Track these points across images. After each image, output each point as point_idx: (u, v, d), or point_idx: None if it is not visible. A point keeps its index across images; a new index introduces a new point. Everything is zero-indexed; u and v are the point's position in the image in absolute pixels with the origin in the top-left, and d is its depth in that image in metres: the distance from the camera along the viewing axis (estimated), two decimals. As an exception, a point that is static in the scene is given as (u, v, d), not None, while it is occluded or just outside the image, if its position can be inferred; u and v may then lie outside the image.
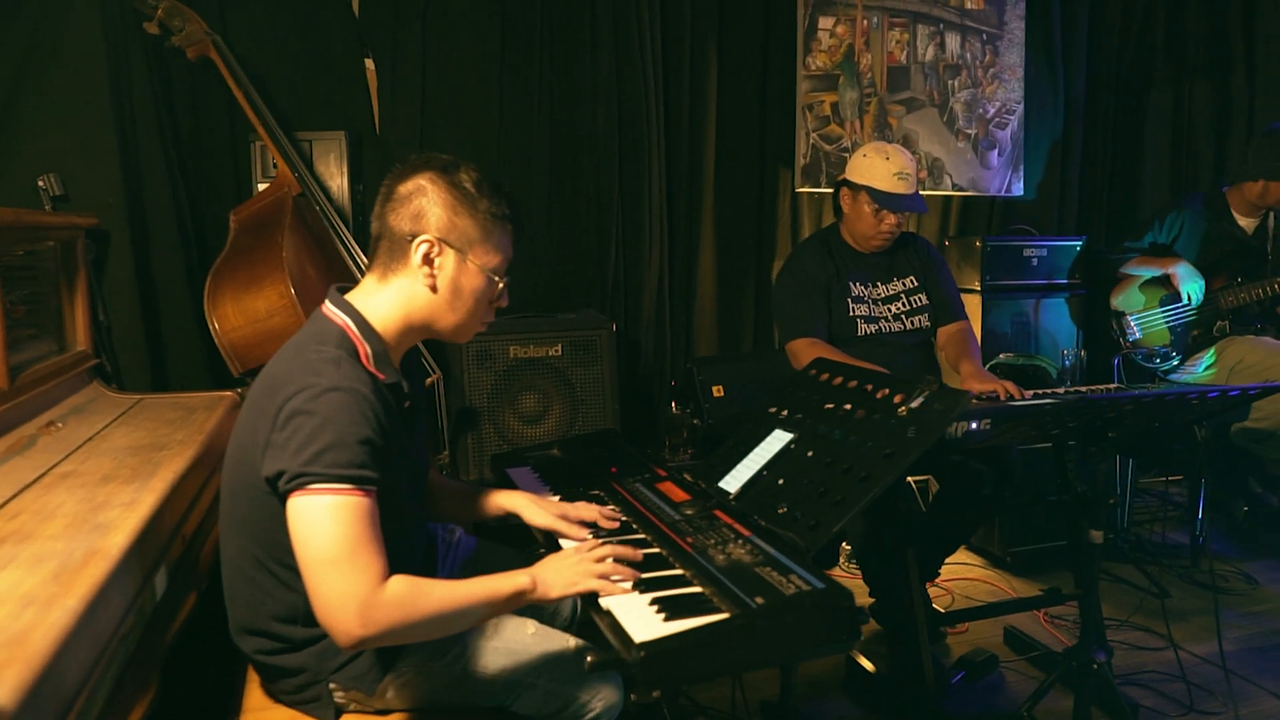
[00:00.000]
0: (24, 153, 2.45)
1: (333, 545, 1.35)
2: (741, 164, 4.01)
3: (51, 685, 1.03)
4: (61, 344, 2.32)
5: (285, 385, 1.42)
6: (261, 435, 1.42)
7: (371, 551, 1.37)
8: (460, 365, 3.33)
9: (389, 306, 1.58)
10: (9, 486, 1.61)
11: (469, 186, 1.56)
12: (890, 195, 2.86)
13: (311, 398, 1.39)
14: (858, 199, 2.91)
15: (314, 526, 1.36)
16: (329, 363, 1.44)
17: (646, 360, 3.98)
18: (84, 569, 1.25)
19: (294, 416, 1.39)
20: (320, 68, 3.44)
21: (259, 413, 1.45)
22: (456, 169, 1.57)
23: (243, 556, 1.55)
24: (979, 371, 2.75)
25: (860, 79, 3.97)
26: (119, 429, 2.06)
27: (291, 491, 1.37)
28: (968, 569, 3.66)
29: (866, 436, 1.84)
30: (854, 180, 2.91)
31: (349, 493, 1.37)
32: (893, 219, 2.89)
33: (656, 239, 3.88)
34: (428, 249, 1.54)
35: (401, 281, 1.57)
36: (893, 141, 4.02)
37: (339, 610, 1.34)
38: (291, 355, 1.51)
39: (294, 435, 1.38)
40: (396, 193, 1.56)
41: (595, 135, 3.76)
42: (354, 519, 1.37)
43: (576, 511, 1.86)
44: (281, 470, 1.38)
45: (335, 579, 1.34)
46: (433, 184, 1.55)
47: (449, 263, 1.56)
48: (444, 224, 1.54)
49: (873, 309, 2.97)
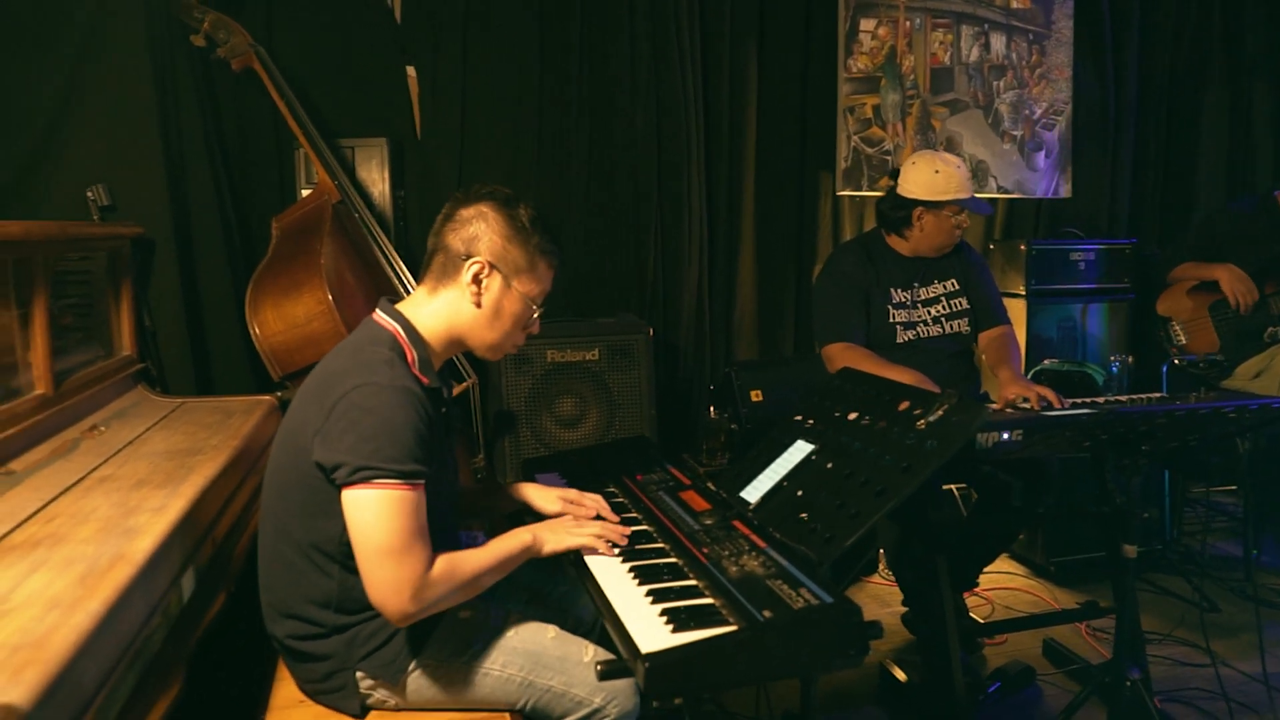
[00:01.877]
0: (73, 165, 2.55)
1: (390, 536, 1.49)
2: (782, 167, 3.99)
3: (69, 686, 1.08)
4: (108, 349, 2.41)
5: (343, 380, 1.55)
6: (314, 424, 1.54)
7: (423, 540, 1.53)
8: (498, 369, 3.36)
9: (435, 317, 1.71)
10: (50, 490, 1.68)
11: (524, 221, 1.71)
12: (976, 201, 2.87)
13: (370, 394, 1.52)
14: (940, 214, 2.85)
15: (373, 519, 1.49)
16: (384, 363, 1.58)
17: (686, 364, 3.98)
18: (109, 573, 1.30)
19: (351, 410, 1.51)
20: (363, 76, 3.51)
21: (314, 403, 1.57)
22: (516, 204, 1.72)
23: (283, 541, 1.64)
24: (1016, 378, 2.71)
25: (902, 81, 3.93)
26: (158, 433, 2.13)
27: (351, 484, 1.49)
28: (1009, 578, 3.61)
29: (885, 449, 1.83)
30: (936, 199, 2.82)
31: (404, 488, 1.50)
32: (966, 221, 2.89)
33: (696, 243, 3.88)
34: (478, 270, 1.68)
35: (450, 295, 1.71)
36: (935, 144, 3.97)
37: (395, 594, 1.50)
38: (349, 354, 1.64)
39: (351, 428, 1.50)
40: (458, 215, 1.71)
41: (634, 139, 3.78)
42: (408, 512, 1.50)
43: (581, 499, 1.98)
44: (340, 462, 1.49)
45: (393, 567, 1.49)
46: (493, 212, 1.70)
47: (495, 285, 1.70)
48: (497, 250, 1.69)
49: (911, 314, 2.93)
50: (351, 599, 1.61)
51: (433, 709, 1.71)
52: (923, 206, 2.85)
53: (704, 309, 3.94)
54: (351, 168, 3.37)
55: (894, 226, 2.93)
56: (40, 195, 2.51)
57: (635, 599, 1.63)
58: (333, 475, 1.51)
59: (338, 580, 1.60)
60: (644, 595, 1.64)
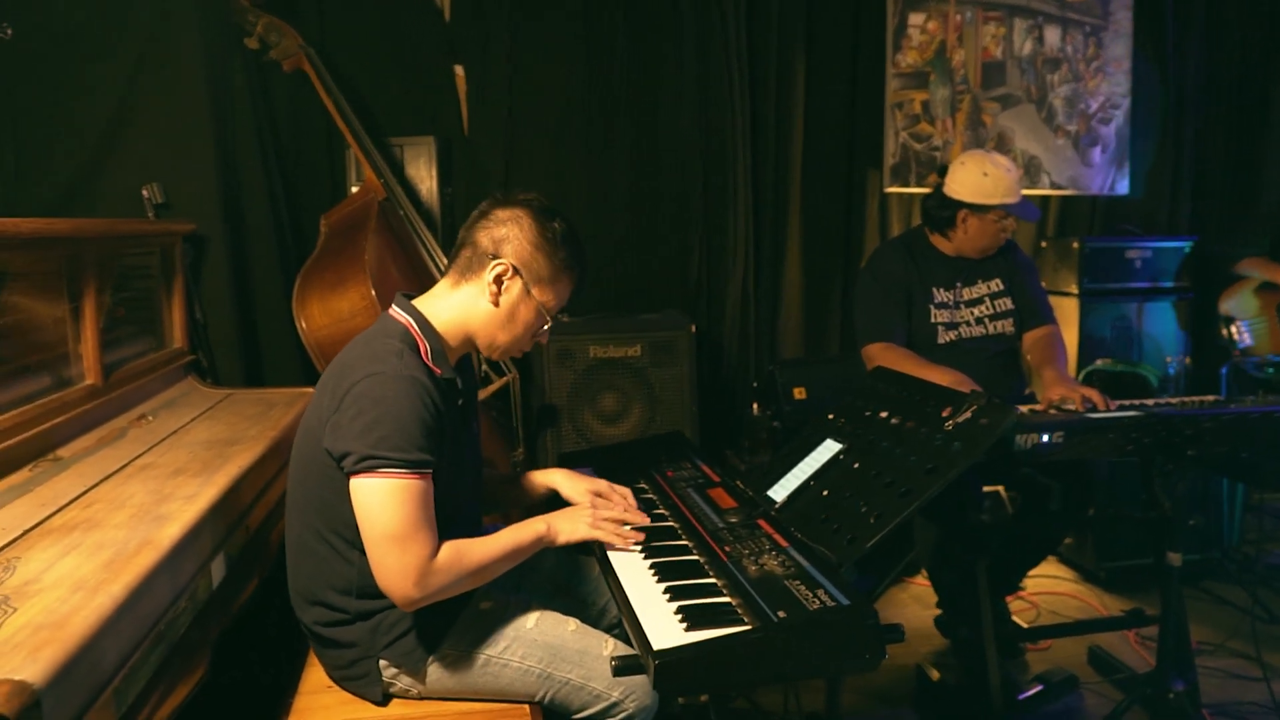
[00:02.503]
0: (130, 165, 2.65)
1: (394, 524, 1.51)
2: (828, 163, 3.95)
3: (87, 665, 1.13)
4: (160, 341, 2.50)
5: (353, 371, 1.58)
6: (326, 413, 1.58)
7: (427, 528, 1.55)
8: (541, 364, 3.40)
9: (452, 310, 1.73)
10: (93, 476, 1.75)
11: (556, 233, 1.72)
12: (1024, 207, 2.80)
13: (377, 384, 1.55)
14: (985, 218, 2.80)
15: (377, 506, 1.52)
16: (393, 354, 1.60)
17: (730, 361, 3.97)
18: (135, 558, 1.36)
19: (359, 399, 1.54)
20: (412, 75, 3.57)
21: (328, 393, 1.61)
22: (552, 216, 1.74)
23: (306, 529, 1.68)
24: (1061, 379, 2.64)
25: (952, 76, 3.85)
26: (202, 423, 2.21)
27: (357, 473, 1.52)
28: (1056, 583, 3.53)
29: (911, 450, 1.81)
30: (983, 202, 2.77)
31: (408, 476, 1.52)
32: (1012, 224, 2.83)
33: (741, 239, 3.86)
34: (501, 271, 1.69)
35: (470, 290, 1.73)
36: (986, 140, 3.89)
37: (399, 579, 1.53)
38: (360, 346, 1.67)
39: (358, 417, 1.53)
40: (494, 215, 1.73)
41: (679, 135, 3.78)
42: (412, 500, 1.53)
43: (610, 492, 1.97)
44: (348, 451, 1.53)
45: (397, 554, 1.52)
46: (528, 219, 1.71)
47: (515, 289, 1.71)
48: (524, 255, 1.70)
49: (954, 314, 2.88)
50: (371, 585, 1.63)
51: (453, 699, 1.74)
52: (968, 209, 2.79)
53: (749, 306, 3.93)
54: (400, 166, 3.44)
55: (938, 226, 2.88)
56: (100, 194, 2.62)
57: (653, 595, 1.64)
58: (341, 463, 1.55)
59: (357, 566, 1.63)
60: (662, 592, 1.65)
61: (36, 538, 1.45)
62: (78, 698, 1.10)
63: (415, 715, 1.71)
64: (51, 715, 1.05)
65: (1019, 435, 2.27)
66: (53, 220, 1.85)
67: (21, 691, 1.01)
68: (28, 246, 1.78)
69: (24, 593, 1.25)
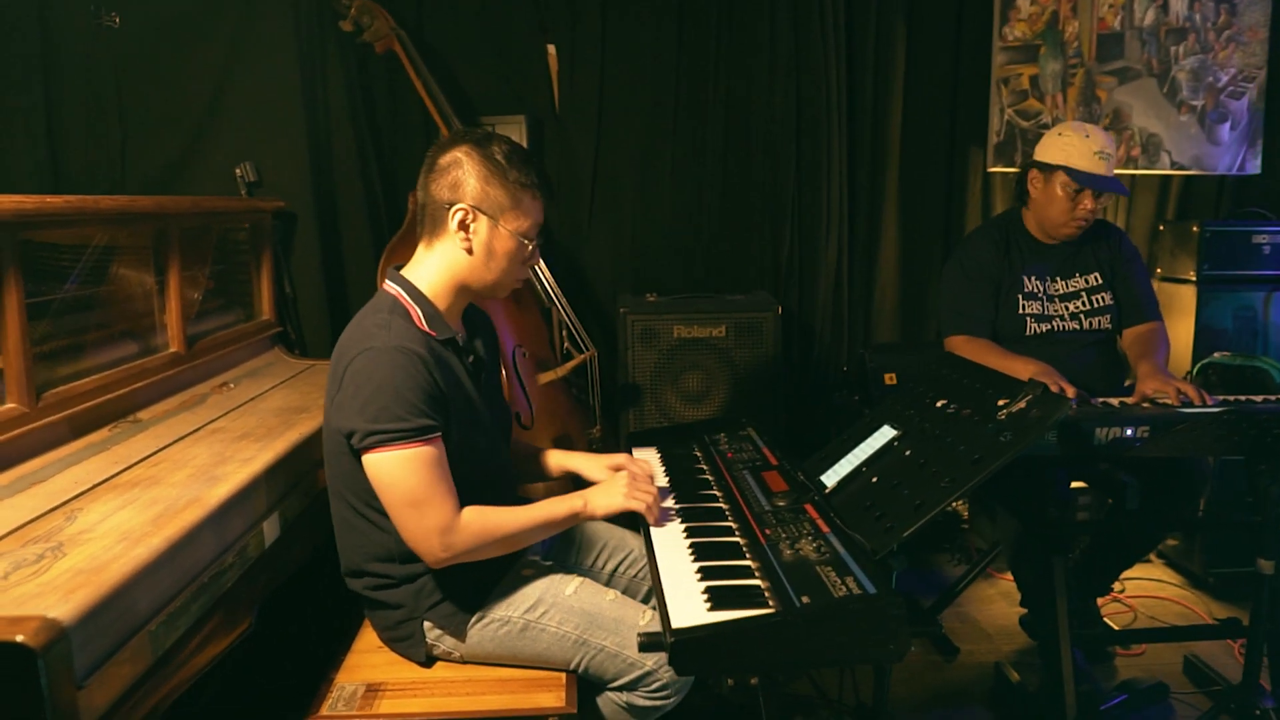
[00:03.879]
0: (225, 145, 2.80)
1: (409, 491, 1.57)
2: (929, 142, 3.80)
3: (118, 609, 1.21)
4: (248, 313, 2.64)
5: (347, 351, 1.64)
6: (331, 395, 1.66)
7: (443, 490, 1.59)
8: (625, 342, 3.42)
9: (435, 271, 1.75)
10: (167, 438, 1.87)
11: (500, 159, 1.69)
12: (1091, 175, 2.60)
13: (368, 360, 1.59)
14: (1051, 180, 2.66)
15: (391, 478, 1.58)
16: (380, 327, 1.63)
17: (821, 345, 3.89)
18: (180, 514, 1.44)
19: (355, 377, 1.60)
20: (505, 54, 3.61)
21: (331, 377, 1.68)
22: (490, 142, 1.71)
23: (342, 505, 1.75)
24: (1157, 372, 2.48)
25: (1065, 49, 3.64)
26: (280, 391, 2.32)
27: (365, 449, 1.58)
28: (1160, 587, 3.34)
29: (961, 439, 1.75)
30: (1047, 160, 2.66)
31: (414, 444, 1.56)
32: (1090, 203, 2.63)
33: (835, 220, 3.77)
34: (463, 216, 1.68)
35: (444, 247, 1.73)
36: (1101, 117, 3.67)
37: (423, 541, 1.60)
38: (354, 325, 1.72)
39: (356, 395, 1.59)
40: (437, 165, 1.72)
41: (772, 113, 3.70)
42: (423, 466, 1.57)
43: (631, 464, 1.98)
44: (353, 429, 1.58)
45: (417, 518, 1.58)
46: (468, 156, 1.69)
47: (482, 228, 1.70)
48: (477, 193, 1.68)
49: (1046, 307, 2.73)
50: (410, 550, 1.68)
51: (492, 663, 1.79)
52: (1036, 168, 2.68)
53: (842, 289, 3.83)
54: (492, 144, 3.50)
55: (1020, 196, 2.76)
56: (198, 172, 2.78)
57: (686, 573, 1.63)
58: (350, 441, 1.60)
59: (393, 534, 1.67)
60: (695, 570, 1.64)
61: (102, 491, 1.56)
62: (107, 638, 1.19)
63: (455, 678, 1.76)
64: (79, 652, 1.13)
65: (1099, 429, 2.16)
66: (136, 198, 1.98)
67: (50, 628, 1.10)
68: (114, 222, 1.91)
69: (76, 540, 1.34)
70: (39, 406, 1.66)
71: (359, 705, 1.66)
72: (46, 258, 1.92)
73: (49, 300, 1.89)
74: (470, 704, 1.68)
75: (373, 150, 3.35)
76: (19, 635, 1.07)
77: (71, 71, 2.80)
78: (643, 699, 1.75)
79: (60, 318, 1.91)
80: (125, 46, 2.68)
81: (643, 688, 1.75)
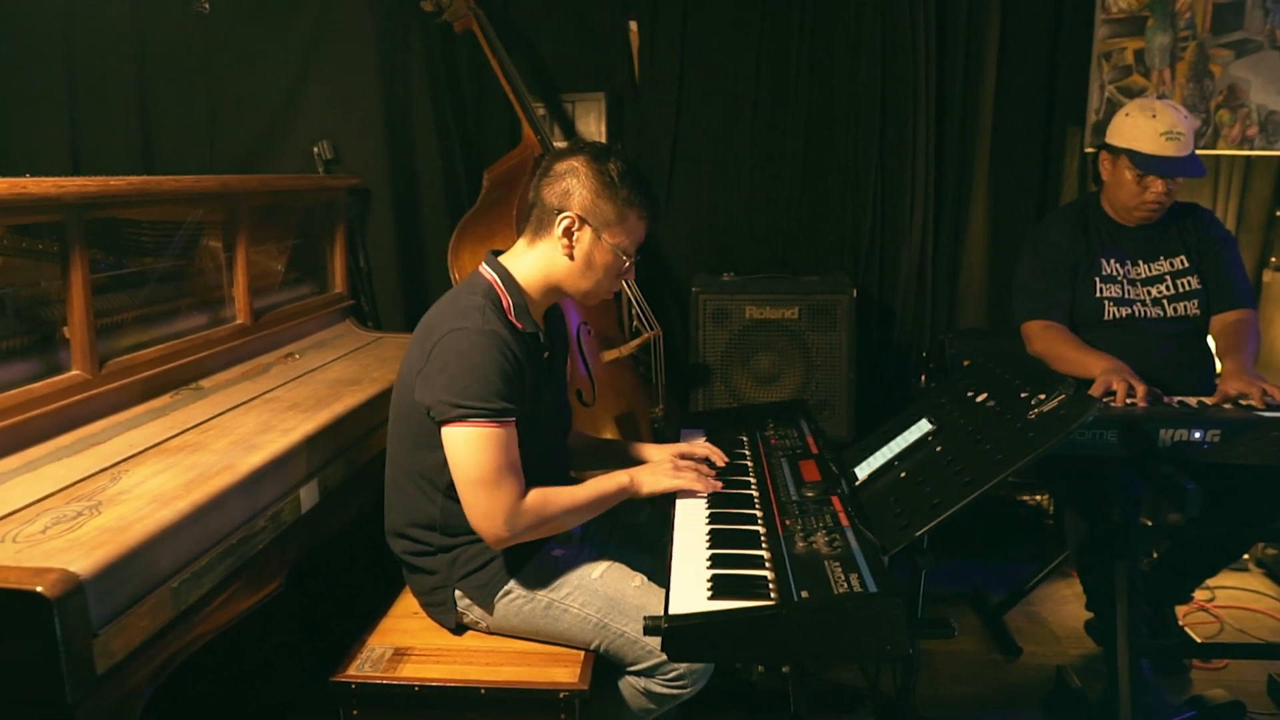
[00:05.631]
0: (306, 125, 2.93)
1: (481, 469, 1.64)
2: (1023, 120, 3.61)
3: (138, 566, 1.31)
4: (321, 286, 2.75)
5: (440, 326, 1.72)
6: (417, 366, 1.72)
7: (513, 472, 1.67)
8: (696, 322, 3.42)
9: (532, 268, 1.82)
10: (223, 405, 1.99)
11: (614, 175, 1.76)
12: (1154, 158, 2.46)
13: (460, 338, 1.68)
14: (1118, 164, 2.54)
15: (466, 453, 1.64)
16: (476, 310, 1.72)
17: (902, 329, 3.79)
18: (211, 479, 1.54)
19: (445, 353, 1.67)
20: (587, 31, 3.62)
21: (418, 347, 1.75)
22: (607, 158, 1.78)
23: (397, 470, 1.84)
24: (1242, 370, 2.33)
25: (1175, 20, 3.40)
26: (341, 363, 2.42)
27: (446, 421, 1.65)
28: (1255, 598, 3.14)
29: (989, 437, 1.70)
30: (1113, 143, 2.55)
31: (492, 425, 1.64)
32: (1160, 186, 2.48)
33: (919, 201, 3.64)
34: (569, 224, 1.76)
35: (545, 247, 1.80)
36: (1212, 93, 3.42)
37: (489, 520, 1.66)
38: (448, 302, 1.80)
39: (444, 369, 1.66)
40: (553, 170, 1.80)
41: (856, 91, 3.60)
42: (498, 447, 1.64)
43: (692, 449, 2.07)
44: (436, 401, 1.66)
45: (485, 496, 1.65)
46: (585, 167, 1.77)
47: (586, 238, 1.77)
48: (587, 204, 1.76)
49: (1126, 290, 2.59)
50: (452, 524, 1.77)
51: (517, 637, 1.84)
52: (1105, 150, 2.58)
53: (925, 271, 3.71)
54: (571, 122, 3.54)
55: (1096, 178, 2.63)
56: (280, 151, 2.92)
57: (697, 559, 1.65)
58: (431, 413, 1.67)
59: (440, 506, 1.77)
60: (706, 557, 1.65)
61: (151, 455, 1.68)
62: (124, 592, 1.28)
63: (481, 647, 1.82)
64: (97, 603, 1.23)
65: (1163, 430, 2.05)
66: (201, 178, 2.10)
67: (68, 580, 1.19)
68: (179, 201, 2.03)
69: (114, 500, 1.45)
70: (102, 374, 1.79)
71: (384, 668, 1.73)
72: (129, 234, 2.06)
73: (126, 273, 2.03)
74: (488, 674, 1.73)
75: (454, 128, 3.43)
76: (39, 586, 1.17)
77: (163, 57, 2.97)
78: (660, 686, 1.78)
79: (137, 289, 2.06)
80: (213, 31, 2.83)
81: (660, 675, 1.77)
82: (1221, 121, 3.43)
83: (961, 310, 3.82)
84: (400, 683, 1.70)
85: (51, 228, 1.70)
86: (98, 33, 2.96)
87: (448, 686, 1.70)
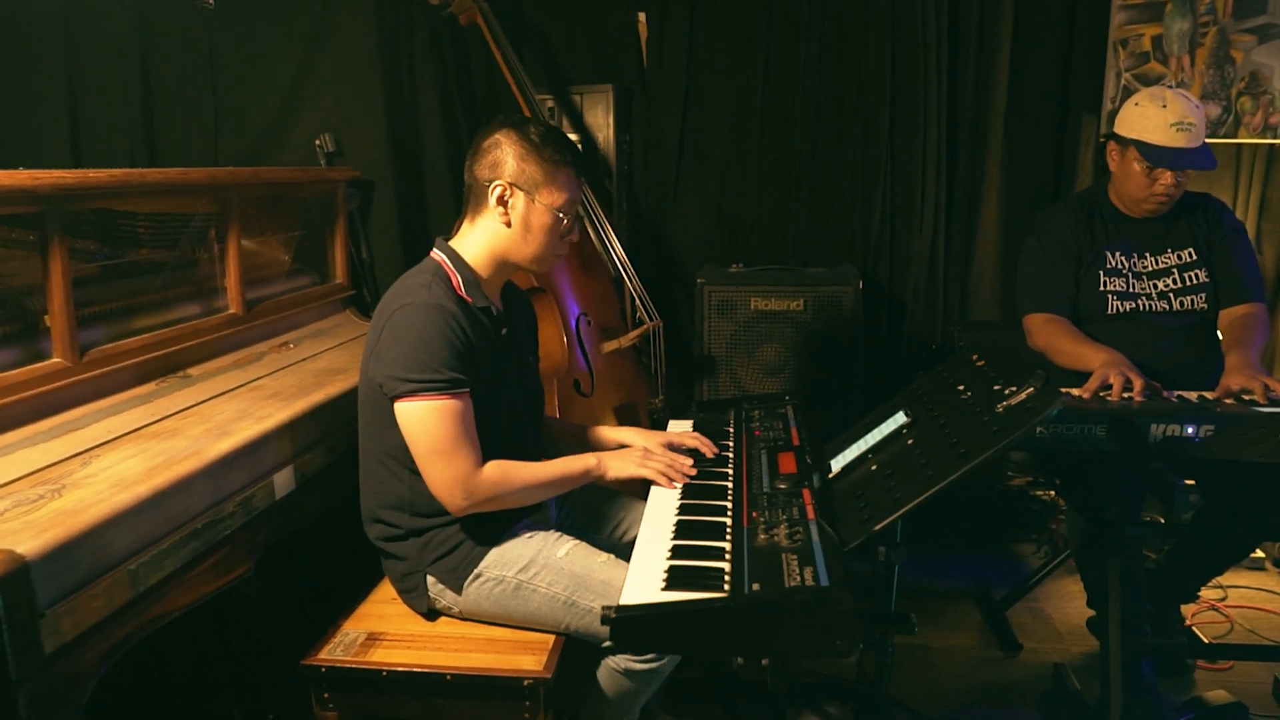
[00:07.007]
0: (308, 118, 2.96)
1: (435, 440, 1.69)
2: (1037, 109, 3.54)
3: (89, 549, 1.33)
4: (321, 277, 2.79)
5: (388, 305, 1.78)
6: (370, 345, 1.79)
7: (468, 443, 1.72)
8: (701, 313, 3.41)
9: (477, 243, 1.87)
10: (208, 393, 2.02)
11: (535, 138, 1.81)
12: (1164, 150, 2.40)
13: (408, 314, 1.72)
14: (1126, 155, 2.48)
15: (419, 426, 1.69)
16: (422, 286, 1.76)
17: (913, 322, 3.74)
18: (175, 465, 1.57)
19: (393, 330, 1.73)
20: (596, 23, 3.62)
21: (373, 329, 1.80)
22: (527, 124, 1.85)
23: (367, 453, 1.88)
24: (1245, 364, 2.27)
25: (1195, 5, 3.30)
26: (333, 352, 2.45)
27: (399, 397, 1.70)
28: (1268, 598, 3.06)
29: (957, 429, 1.67)
30: (1122, 133, 2.49)
31: (442, 396, 1.68)
32: (1169, 179, 2.43)
33: (931, 190, 3.59)
34: (501, 191, 1.81)
35: (485, 221, 1.85)
36: (1233, 80, 3.33)
37: (447, 490, 1.72)
38: (398, 284, 1.85)
39: (393, 346, 1.71)
40: (480, 147, 1.85)
41: (865, 80, 3.56)
42: (450, 418, 1.69)
43: (682, 439, 2.06)
44: (387, 377, 1.71)
45: (442, 466, 1.70)
46: (506, 137, 1.82)
47: (519, 203, 1.82)
48: (515, 170, 1.80)
49: (1131, 284, 2.54)
50: (421, 502, 1.80)
51: (488, 621, 1.86)
52: (1114, 140, 2.51)
53: (936, 263, 3.66)
54: (579, 114, 3.55)
55: (1105, 167, 2.57)
56: (283, 144, 2.95)
57: (658, 549, 1.65)
58: (383, 389, 1.72)
59: (407, 484, 1.81)
60: (668, 547, 1.65)
61: (125, 441, 1.71)
62: (73, 574, 1.31)
63: (451, 634, 1.84)
64: (43, 583, 1.26)
65: (1154, 425, 2.00)
66: (187, 170, 2.14)
67: (12, 560, 1.22)
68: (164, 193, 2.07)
69: (78, 484, 1.49)
70: (83, 362, 1.83)
71: (355, 652, 1.76)
72: (124, 226, 2.11)
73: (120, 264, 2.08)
74: (456, 660, 1.74)
75: (462, 121, 3.45)
76: (-20, 565, 1.20)
77: (167, 52, 3.02)
78: (635, 663, 1.78)
79: (130, 279, 2.11)
80: (218, 26, 2.87)
81: (632, 651, 1.77)
82: (1243, 109, 3.33)
83: (974, 302, 3.76)
84: (369, 667, 1.73)
85: (32, 219, 1.74)
86: (100, 30, 3.02)
87: (415, 672, 1.72)
